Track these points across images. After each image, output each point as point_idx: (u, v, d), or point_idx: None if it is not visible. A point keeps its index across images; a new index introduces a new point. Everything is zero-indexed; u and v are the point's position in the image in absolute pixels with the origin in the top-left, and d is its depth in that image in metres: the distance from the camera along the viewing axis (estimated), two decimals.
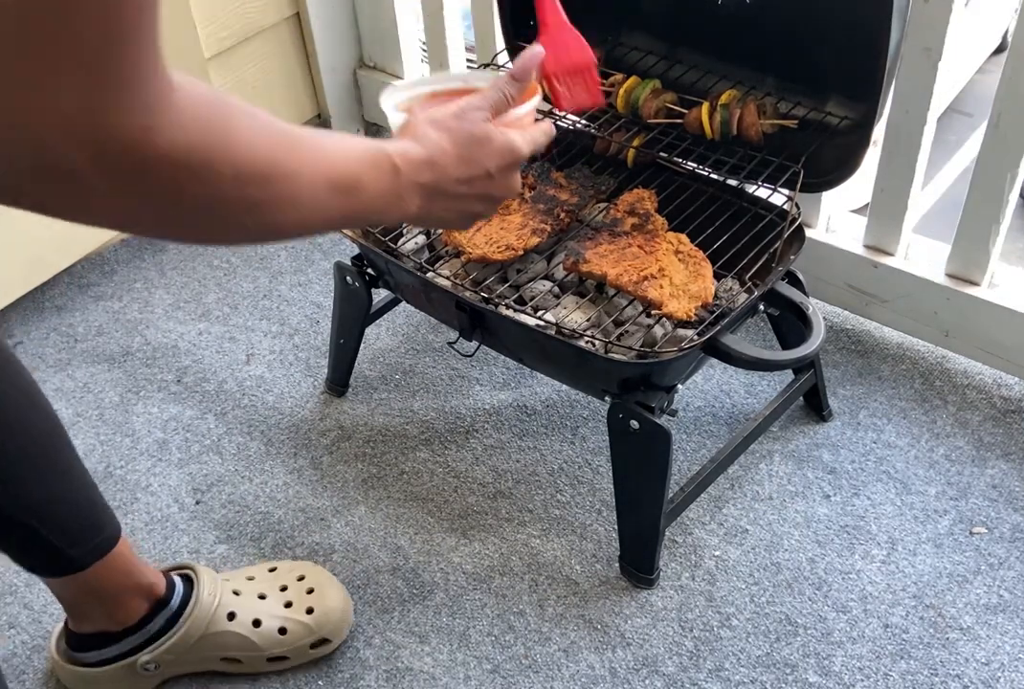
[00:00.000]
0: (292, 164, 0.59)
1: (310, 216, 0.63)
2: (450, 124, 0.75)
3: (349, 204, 0.66)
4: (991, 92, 1.24)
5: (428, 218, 0.76)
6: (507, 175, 0.79)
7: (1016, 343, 1.39)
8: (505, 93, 0.80)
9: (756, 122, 1.21)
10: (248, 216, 0.58)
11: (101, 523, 1.05)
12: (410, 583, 1.26)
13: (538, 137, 0.82)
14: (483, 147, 0.76)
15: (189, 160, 0.51)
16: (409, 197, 0.71)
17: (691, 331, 1.10)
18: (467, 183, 0.75)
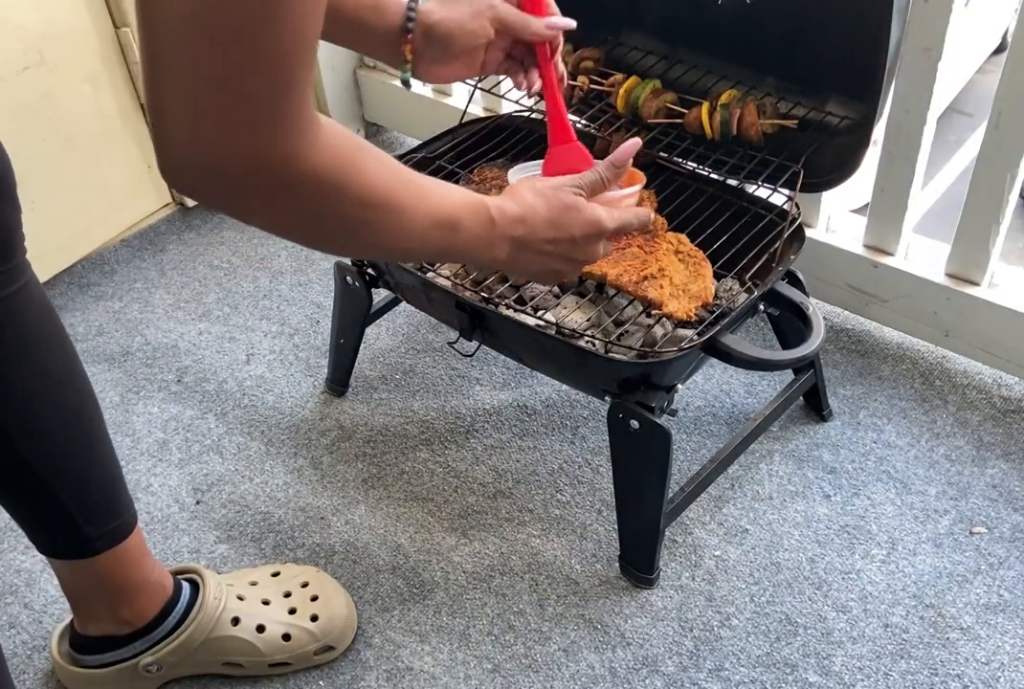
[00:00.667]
0: (405, 198, 0.71)
1: (413, 244, 0.75)
2: (547, 192, 0.85)
3: (447, 240, 0.77)
4: (991, 92, 1.24)
5: (514, 267, 0.86)
6: (590, 243, 0.88)
7: (1016, 343, 1.39)
8: (602, 175, 0.89)
9: (756, 122, 1.21)
10: (364, 233, 0.70)
11: (120, 506, 1.06)
12: (410, 582, 1.26)
13: (627, 217, 0.90)
14: (571, 215, 0.85)
15: (324, 181, 0.64)
16: (500, 246, 0.82)
17: (691, 331, 1.10)
18: (552, 243, 0.85)
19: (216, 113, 0.57)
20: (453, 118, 1.37)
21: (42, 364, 0.95)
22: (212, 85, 0.56)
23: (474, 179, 1.28)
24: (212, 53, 0.55)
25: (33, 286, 0.93)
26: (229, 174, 0.60)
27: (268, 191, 0.62)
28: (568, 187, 0.87)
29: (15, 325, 0.91)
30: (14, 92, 1.49)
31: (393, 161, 0.72)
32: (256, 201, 0.63)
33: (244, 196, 0.63)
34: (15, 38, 1.47)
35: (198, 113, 0.57)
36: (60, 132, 1.58)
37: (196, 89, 0.56)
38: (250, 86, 0.57)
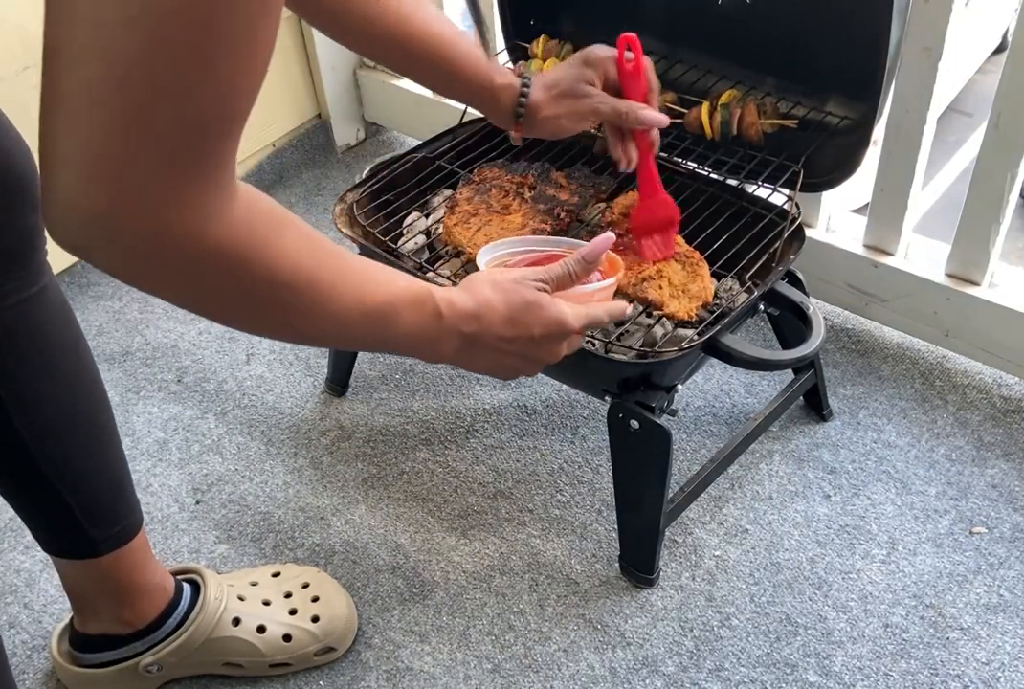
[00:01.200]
0: (329, 282, 0.65)
1: (339, 332, 0.70)
2: (507, 287, 0.80)
3: (381, 331, 0.71)
4: (991, 92, 1.24)
5: (464, 363, 0.81)
6: (551, 342, 0.82)
7: (1016, 343, 1.39)
8: (569, 270, 0.84)
9: (756, 122, 1.21)
10: (283, 318, 0.65)
11: (126, 510, 1.07)
12: (410, 582, 1.26)
13: (596, 314, 0.85)
14: (533, 313, 0.80)
15: (231, 257, 0.58)
16: (447, 341, 0.76)
17: (691, 331, 1.10)
18: (509, 341, 0.80)
19: (116, 169, 0.51)
20: (453, 118, 1.37)
21: (55, 366, 0.95)
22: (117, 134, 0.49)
23: (474, 179, 1.28)
24: (128, 101, 0.49)
25: (52, 289, 0.93)
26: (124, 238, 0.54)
27: (166, 263, 0.56)
28: (531, 281, 0.82)
29: (31, 327, 0.91)
30: (14, 92, 1.49)
31: (324, 242, 0.66)
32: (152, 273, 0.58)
33: (138, 266, 0.57)
34: (15, 38, 1.47)
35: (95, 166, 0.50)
36: None
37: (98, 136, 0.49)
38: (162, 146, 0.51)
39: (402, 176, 1.29)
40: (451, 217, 1.23)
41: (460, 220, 1.22)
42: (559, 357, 0.85)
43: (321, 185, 1.91)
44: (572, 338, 0.85)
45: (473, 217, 1.22)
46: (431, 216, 1.29)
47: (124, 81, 0.48)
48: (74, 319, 0.98)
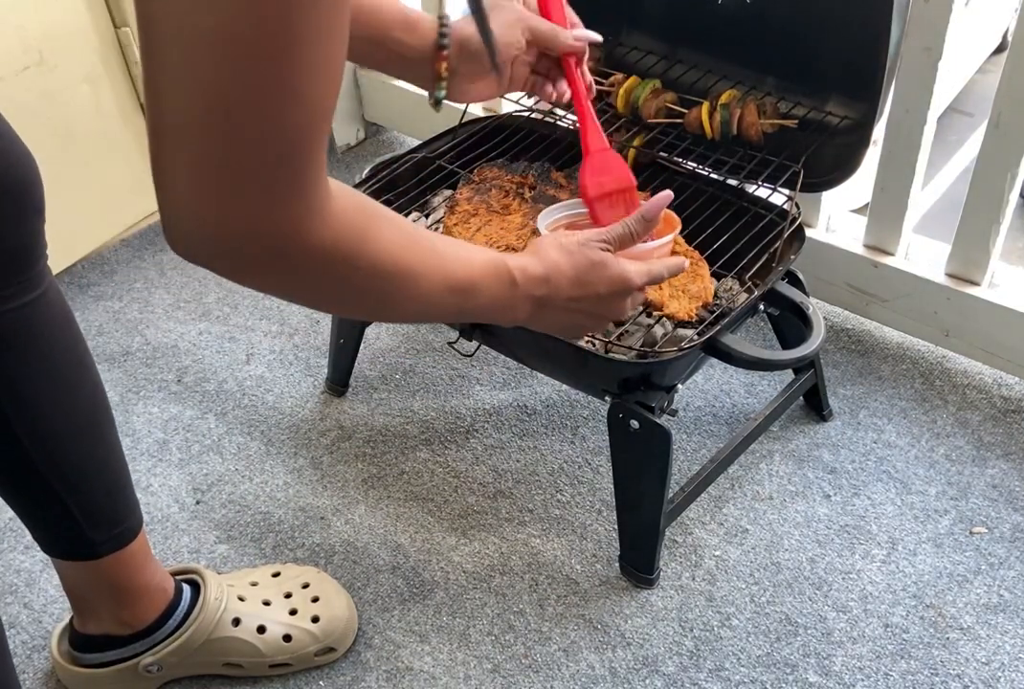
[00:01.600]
0: (419, 266, 0.70)
1: (428, 309, 0.75)
2: (572, 248, 0.83)
3: (463, 304, 0.76)
4: (991, 92, 1.24)
5: (536, 324, 0.85)
6: (616, 299, 0.86)
7: (1016, 343, 1.39)
8: (631, 228, 0.87)
9: (756, 122, 1.21)
10: (376, 302, 0.71)
11: (127, 511, 1.07)
12: (410, 582, 1.26)
13: (658, 270, 0.88)
14: (597, 272, 0.83)
15: (336, 254, 0.62)
16: (521, 306, 0.81)
17: (691, 331, 1.10)
18: (577, 301, 0.83)
19: (224, 187, 0.55)
20: (453, 118, 1.37)
21: (56, 369, 0.96)
22: (221, 158, 0.54)
23: (474, 179, 1.29)
24: (224, 125, 0.53)
25: (53, 292, 0.93)
26: (238, 249, 0.59)
27: (278, 265, 0.61)
28: (595, 242, 0.85)
29: (33, 331, 0.92)
30: (14, 92, 1.49)
31: (408, 225, 0.71)
32: (267, 275, 0.62)
33: (255, 270, 0.62)
34: (15, 38, 1.47)
35: (205, 186, 0.55)
36: (60, 132, 1.58)
37: (204, 161, 0.55)
38: (261, 160, 0.55)
39: (402, 176, 1.29)
40: (451, 217, 1.23)
41: (460, 220, 1.22)
42: (625, 313, 0.89)
43: None
44: (635, 294, 0.88)
45: (473, 217, 1.22)
46: (431, 216, 1.29)
47: (216, 107, 0.53)
48: (75, 322, 0.98)
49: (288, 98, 0.54)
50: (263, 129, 0.54)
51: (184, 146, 0.54)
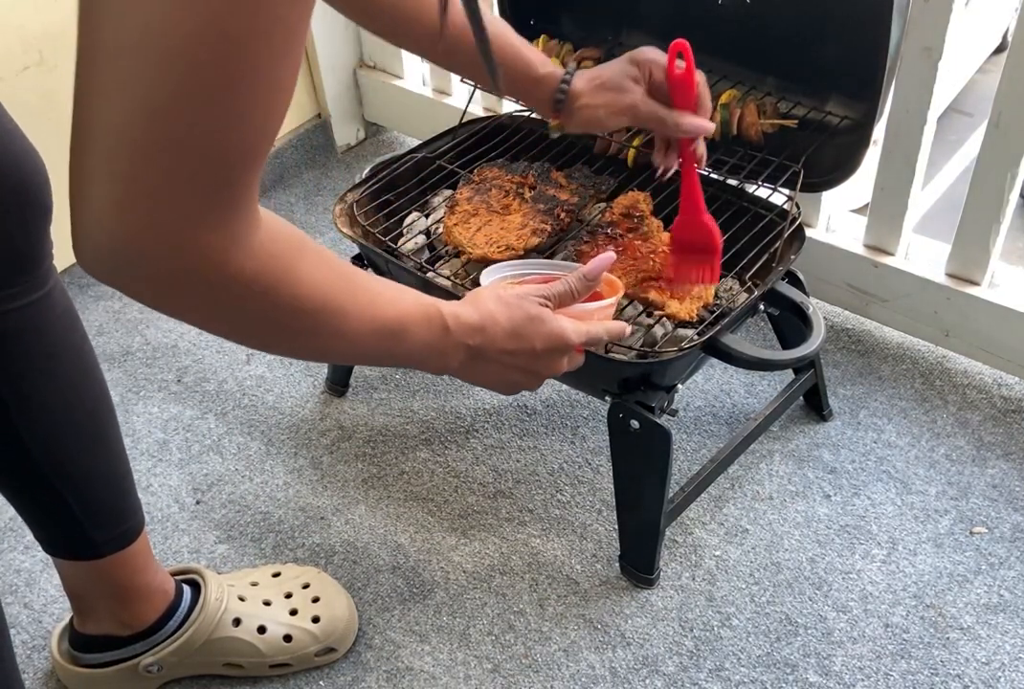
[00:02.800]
0: (344, 304, 0.68)
1: (355, 350, 0.72)
2: (510, 301, 0.82)
3: (391, 347, 0.73)
4: (991, 92, 1.24)
5: (468, 376, 0.83)
6: (552, 356, 0.84)
7: (1016, 343, 1.39)
8: (572, 287, 0.87)
9: (756, 122, 1.21)
10: (299, 339, 0.68)
11: (129, 512, 1.07)
12: (410, 582, 1.26)
13: (596, 331, 0.87)
14: (534, 326, 0.82)
15: (255, 286, 0.60)
16: (453, 354, 0.78)
17: (691, 331, 1.10)
18: (511, 355, 0.81)
19: (149, 203, 0.53)
20: (453, 118, 1.37)
21: (60, 369, 0.96)
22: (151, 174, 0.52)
23: (474, 179, 1.28)
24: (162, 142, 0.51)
25: (58, 292, 0.93)
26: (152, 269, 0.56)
27: (194, 292, 0.59)
28: (534, 297, 0.84)
29: (37, 330, 0.92)
30: (14, 92, 1.49)
31: (338, 262, 0.69)
32: (182, 301, 0.60)
33: (169, 295, 0.59)
34: (15, 38, 1.47)
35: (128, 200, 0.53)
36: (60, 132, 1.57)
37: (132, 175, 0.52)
38: (194, 181, 0.53)
39: (402, 176, 1.29)
40: (451, 217, 1.23)
41: (460, 220, 1.22)
42: (560, 372, 0.87)
43: (321, 185, 1.91)
44: (573, 354, 0.87)
45: (473, 217, 1.22)
46: (431, 216, 1.29)
47: (154, 122, 0.50)
48: (79, 322, 0.98)
49: (233, 122, 0.52)
50: (202, 150, 0.52)
51: (113, 157, 0.52)
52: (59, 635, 1.15)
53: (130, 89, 0.50)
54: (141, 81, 0.49)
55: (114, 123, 0.51)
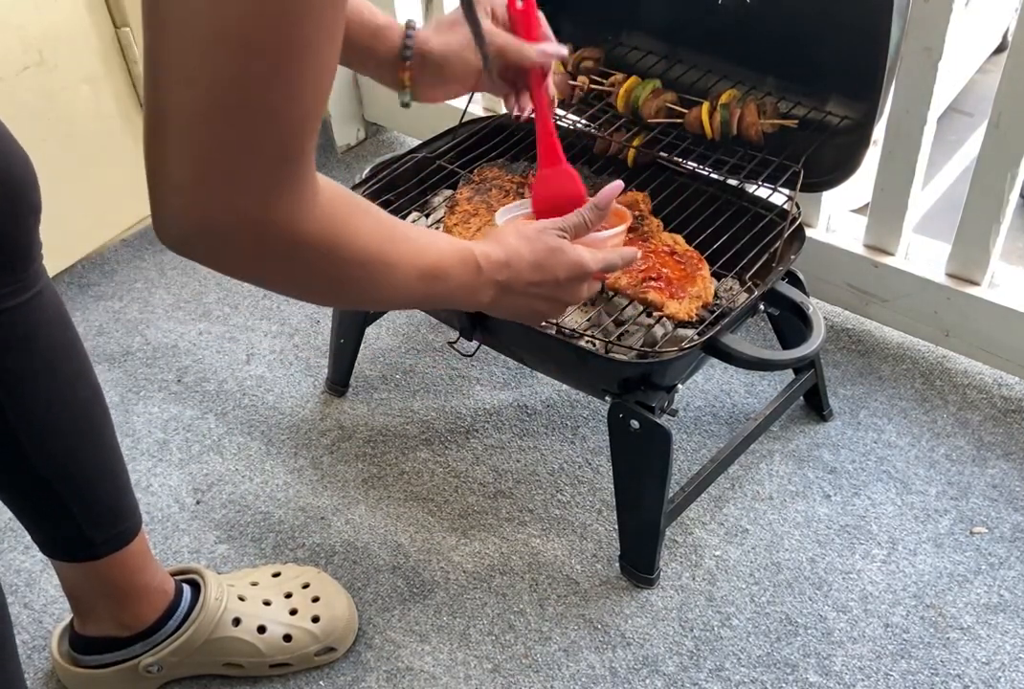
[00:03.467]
0: (394, 254, 0.73)
1: (400, 295, 0.77)
2: (531, 235, 0.87)
3: (433, 290, 0.78)
4: (991, 92, 1.24)
5: (498, 309, 0.87)
6: (574, 284, 0.89)
7: (1016, 343, 1.39)
8: (585, 218, 0.91)
9: (756, 122, 1.21)
10: (355, 289, 0.73)
11: (126, 512, 1.07)
12: (410, 582, 1.26)
13: (612, 258, 0.92)
14: (556, 257, 0.86)
15: (322, 243, 0.65)
16: (484, 291, 0.83)
17: (691, 331, 1.10)
18: (537, 286, 0.86)
19: (222, 176, 0.58)
20: (453, 118, 1.37)
21: (53, 369, 0.96)
22: (222, 148, 0.57)
23: (474, 179, 1.28)
24: (228, 118, 0.56)
25: (48, 292, 0.93)
26: (231, 236, 0.61)
27: (267, 254, 0.63)
28: (552, 230, 0.88)
29: (29, 330, 0.92)
30: (14, 92, 1.49)
31: (383, 215, 0.74)
32: (256, 263, 0.65)
33: (244, 258, 0.64)
34: (15, 38, 1.47)
35: (203, 174, 0.58)
36: (60, 132, 1.58)
37: (205, 151, 0.57)
38: (259, 152, 0.58)
39: (402, 176, 1.29)
40: (451, 217, 1.23)
41: (460, 220, 1.22)
42: (581, 299, 0.91)
43: None
44: (592, 282, 0.91)
45: (473, 217, 1.22)
46: (431, 216, 1.29)
47: (221, 101, 0.55)
48: (70, 322, 0.98)
49: (288, 97, 0.56)
50: (263, 124, 0.57)
51: (186, 136, 0.57)
52: (59, 636, 1.15)
53: (196, 73, 0.54)
54: (205, 65, 0.54)
55: (184, 106, 0.56)
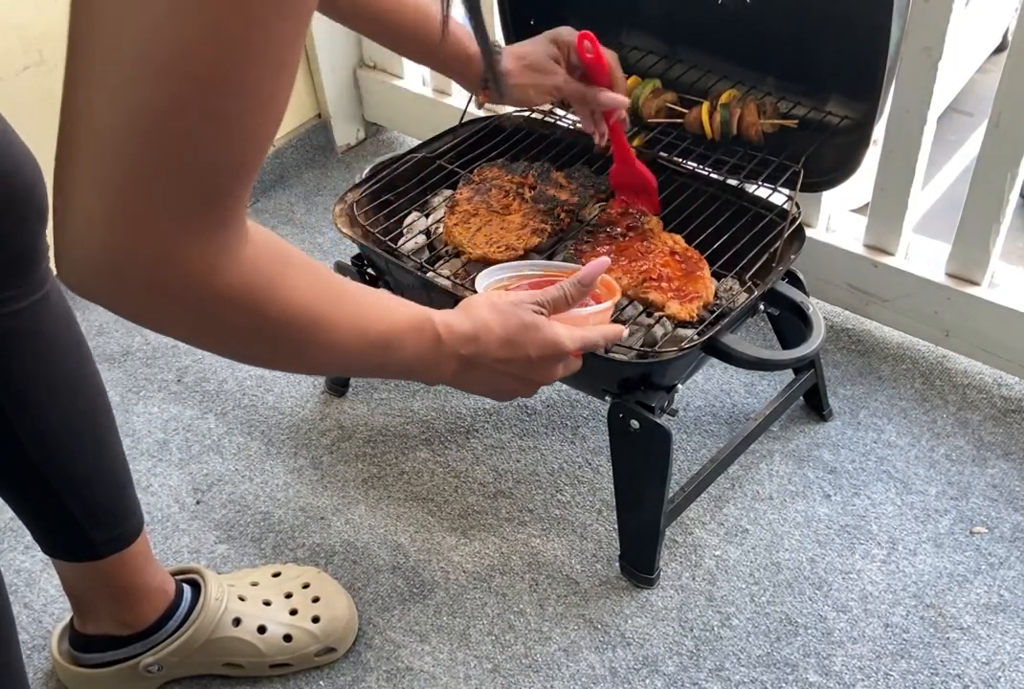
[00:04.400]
0: (334, 316, 0.66)
1: (346, 362, 0.72)
2: (504, 309, 0.82)
3: (382, 359, 0.73)
4: (991, 91, 1.24)
5: (461, 384, 0.82)
6: (547, 363, 0.84)
7: (1016, 343, 1.39)
8: (566, 293, 0.86)
9: (756, 122, 1.21)
10: (288, 353, 0.67)
11: (128, 512, 1.07)
12: (410, 582, 1.26)
13: (592, 337, 0.87)
14: (528, 334, 0.81)
15: (242, 299, 0.59)
16: (446, 364, 0.78)
17: (691, 331, 1.10)
18: (505, 363, 0.81)
19: (140, 214, 0.52)
20: (453, 118, 1.37)
21: (58, 371, 0.96)
22: (144, 183, 0.51)
23: (474, 179, 1.28)
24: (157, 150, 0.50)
25: (55, 294, 0.93)
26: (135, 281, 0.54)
27: (178, 304, 0.57)
28: (528, 304, 0.84)
29: (35, 332, 0.92)
30: (14, 92, 1.49)
31: (327, 274, 0.68)
32: (169, 315, 0.59)
33: (156, 308, 0.58)
34: (15, 38, 1.47)
35: (119, 210, 0.52)
36: None
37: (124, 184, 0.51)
38: (187, 190, 0.52)
39: (402, 176, 1.29)
40: (451, 217, 1.23)
41: (460, 220, 1.22)
42: (555, 379, 0.86)
43: (321, 185, 1.91)
44: (569, 360, 0.86)
45: (473, 217, 1.22)
46: (431, 216, 1.29)
47: (145, 132, 0.50)
48: (77, 324, 0.98)
49: (227, 134, 0.52)
50: (197, 159, 0.52)
51: (105, 165, 0.51)
52: (59, 635, 1.15)
53: (121, 98, 0.49)
54: (133, 91, 0.49)
55: (103, 133, 0.50)
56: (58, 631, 1.15)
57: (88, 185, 0.51)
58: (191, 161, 0.51)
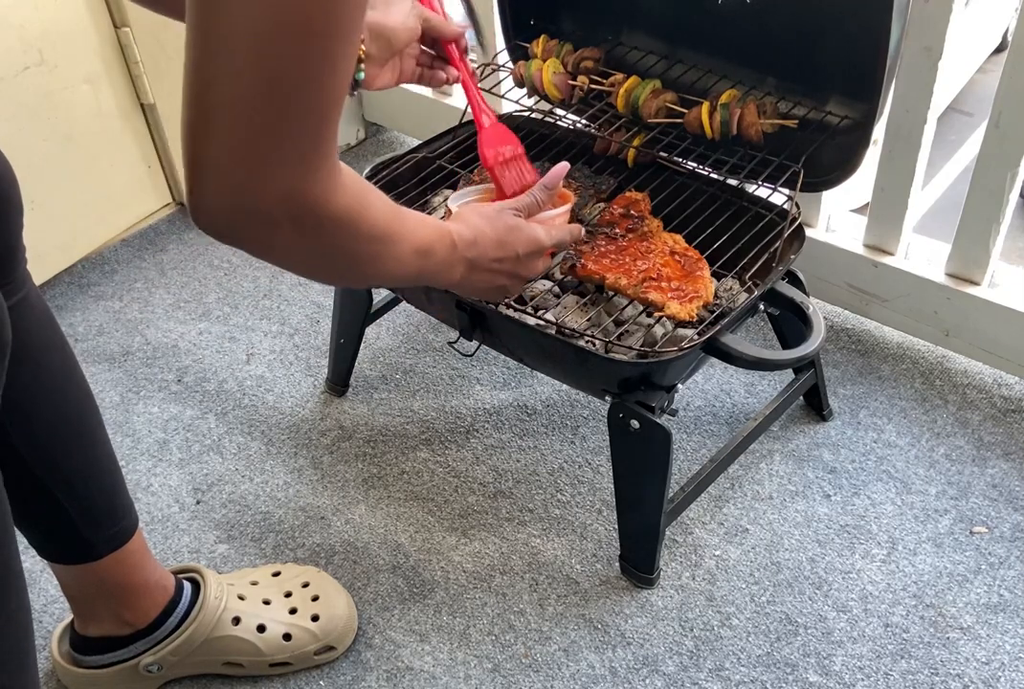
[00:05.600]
0: (399, 230, 0.78)
1: (399, 270, 0.81)
2: (491, 215, 0.94)
3: (422, 265, 0.83)
4: (991, 91, 1.24)
5: (465, 286, 0.93)
6: (532, 259, 0.97)
7: (1016, 342, 1.40)
8: (536, 198, 0.99)
9: (756, 122, 1.21)
10: (368, 265, 0.77)
11: (122, 511, 1.07)
12: (410, 582, 1.26)
13: (561, 234, 1.00)
14: (515, 235, 0.94)
15: (346, 219, 0.69)
16: (457, 268, 0.89)
17: (691, 331, 1.10)
18: (499, 261, 0.93)
19: (266, 158, 0.61)
20: (453, 118, 1.37)
21: (43, 371, 0.96)
22: (267, 132, 0.60)
23: (474, 179, 1.28)
24: (275, 96, 0.59)
25: (34, 296, 0.93)
26: (266, 215, 0.64)
27: (300, 230, 0.66)
28: (509, 209, 0.95)
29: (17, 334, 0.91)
30: (14, 92, 1.49)
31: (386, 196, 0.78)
32: (286, 240, 0.67)
33: (277, 235, 0.66)
34: (15, 38, 1.47)
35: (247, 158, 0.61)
36: (60, 132, 1.58)
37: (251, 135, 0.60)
38: (302, 129, 0.61)
39: (402, 176, 1.29)
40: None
41: None
42: (539, 273, 1.00)
43: None
44: (545, 257, 1.00)
45: None
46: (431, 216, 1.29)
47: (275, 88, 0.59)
48: (57, 325, 0.99)
49: (335, 73, 0.60)
50: (307, 99, 0.60)
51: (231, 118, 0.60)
52: (59, 636, 1.15)
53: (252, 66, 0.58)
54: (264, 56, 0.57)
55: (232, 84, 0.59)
56: (58, 632, 1.15)
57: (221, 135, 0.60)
58: (307, 99, 0.60)
